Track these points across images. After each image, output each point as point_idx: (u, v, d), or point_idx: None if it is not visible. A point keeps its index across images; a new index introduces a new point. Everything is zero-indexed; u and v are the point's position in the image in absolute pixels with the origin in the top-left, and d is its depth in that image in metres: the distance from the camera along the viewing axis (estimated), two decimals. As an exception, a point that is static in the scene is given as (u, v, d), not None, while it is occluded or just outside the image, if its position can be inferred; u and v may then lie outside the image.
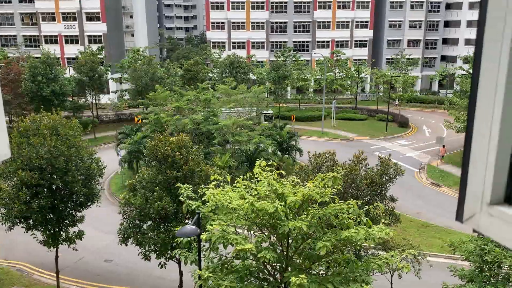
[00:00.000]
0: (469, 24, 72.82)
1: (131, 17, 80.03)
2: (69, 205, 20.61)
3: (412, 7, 74.39)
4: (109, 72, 59.71)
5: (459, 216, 0.93)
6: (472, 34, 72.69)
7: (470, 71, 41.02)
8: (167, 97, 43.07)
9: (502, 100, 0.79)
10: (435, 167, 41.16)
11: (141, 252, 19.20)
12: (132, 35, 79.74)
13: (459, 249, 14.93)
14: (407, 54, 70.50)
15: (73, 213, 20.81)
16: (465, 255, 14.52)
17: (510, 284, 13.11)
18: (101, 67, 55.46)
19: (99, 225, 28.13)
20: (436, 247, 26.08)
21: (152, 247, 18.82)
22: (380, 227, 11.76)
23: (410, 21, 74.88)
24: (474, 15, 71.65)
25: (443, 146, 42.36)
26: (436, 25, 76.39)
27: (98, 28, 69.30)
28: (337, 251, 12.02)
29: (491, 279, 14.04)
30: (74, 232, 20.88)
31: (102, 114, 60.14)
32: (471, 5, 72.31)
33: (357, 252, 17.65)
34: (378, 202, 17.13)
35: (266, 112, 50.70)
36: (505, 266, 13.59)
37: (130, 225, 19.20)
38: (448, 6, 76.27)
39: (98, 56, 56.66)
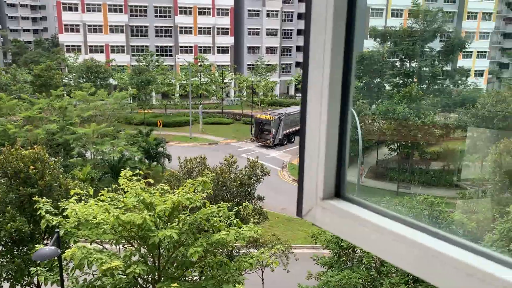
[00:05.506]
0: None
1: (-35, 16, 70.04)
2: None
3: (268, 15, 78.84)
4: None
5: (299, 212, 1.01)
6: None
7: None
8: (15, 106, 38.74)
9: (327, 101, 0.88)
10: (295, 165, 44.31)
11: (-9, 283, 16.95)
12: (-32, 37, 69.85)
13: (319, 239, 16.30)
14: (266, 60, 74.48)
15: None
16: (325, 244, 15.92)
17: (363, 265, 14.72)
18: None
19: None
20: (300, 239, 27.99)
21: (5, 275, 16.75)
22: (249, 226, 12.21)
23: (267, 29, 79.21)
24: (322, 25, 78.96)
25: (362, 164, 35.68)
26: (290, 33, 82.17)
27: None
28: (209, 254, 12.12)
29: (348, 263, 15.61)
30: None
31: None
32: (319, 16, 79.62)
33: (230, 253, 18.04)
34: (247, 202, 17.80)
35: None
36: (358, 250, 15.21)
37: (-25, 254, 16.82)
38: (300, 16, 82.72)
39: None
